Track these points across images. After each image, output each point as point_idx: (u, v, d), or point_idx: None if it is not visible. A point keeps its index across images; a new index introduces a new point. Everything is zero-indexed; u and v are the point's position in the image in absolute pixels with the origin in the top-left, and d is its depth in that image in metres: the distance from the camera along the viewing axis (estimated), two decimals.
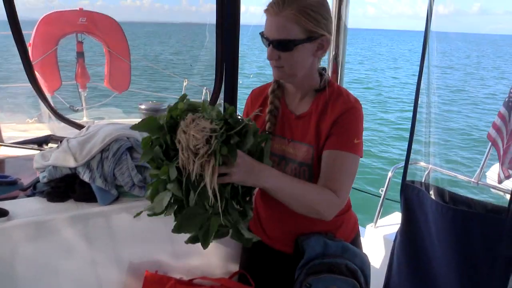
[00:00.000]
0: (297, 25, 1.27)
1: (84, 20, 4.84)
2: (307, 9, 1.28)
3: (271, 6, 1.29)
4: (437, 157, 2.48)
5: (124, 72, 5.18)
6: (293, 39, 1.29)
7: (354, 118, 1.37)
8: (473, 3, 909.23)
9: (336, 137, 1.36)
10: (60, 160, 1.60)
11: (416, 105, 2.16)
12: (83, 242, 1.53)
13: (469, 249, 1.87)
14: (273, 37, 1.30)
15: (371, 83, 24.23)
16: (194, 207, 1.12)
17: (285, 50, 1.31)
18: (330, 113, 1.38)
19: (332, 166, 1.36)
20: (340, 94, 1.43)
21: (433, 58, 2.11)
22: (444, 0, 21.61)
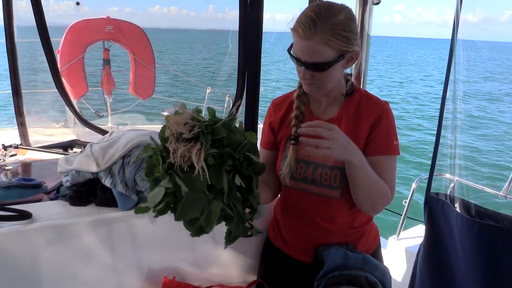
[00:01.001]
0: (330, 48, 1.27)
1: (111, 28, 4.94)
2: (339, 30, 1.27)
3: (303, 29, 1.26)
4: (463, 169, 2.42)
5: (148, 79, 5.26)
6: (327, 62, 1.29)
7: (389, 121, 1.41)
8: (504, 11, 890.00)
9: (379, 142, 1.40)
10: (83, 165, 1.63)
11: (442, 115, 2.12)
12: (103, 246, 1.54)
13: (495, 265, 1.82)
14: (305, 60, 1.29)
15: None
16: (193, 193, 1.10)
17: (319, 71, 1.31)
18: (365, 117, 1.41)
19: (382, 168, 1.39)
20: (370, 97, 1.46)
21: (460, 66, 2.08)
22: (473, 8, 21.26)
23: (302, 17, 1.28)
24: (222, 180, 1.09)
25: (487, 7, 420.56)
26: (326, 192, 1.43)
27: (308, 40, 1.25)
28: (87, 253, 1.52)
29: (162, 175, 1.14)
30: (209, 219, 1.12)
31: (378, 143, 1.40)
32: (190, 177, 1.08)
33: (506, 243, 1.77)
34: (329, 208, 1.47)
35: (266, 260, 1.71)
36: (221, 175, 1.09)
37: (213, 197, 1.11)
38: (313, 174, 1.44)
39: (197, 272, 1.73)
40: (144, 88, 5.29)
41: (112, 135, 1.79)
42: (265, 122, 1.61)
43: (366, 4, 2.01)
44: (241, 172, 1.14)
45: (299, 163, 1.46)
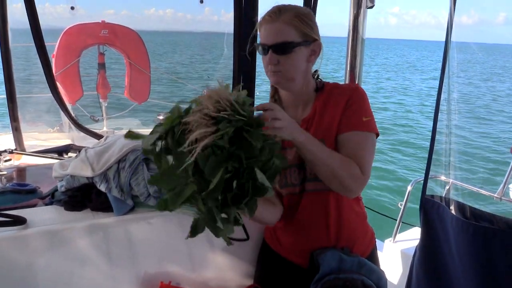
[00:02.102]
0: (294, 29, 1.36)
1: (106, 32, 4.94)
2: (302, 16, 1.38)
3: (268, 16, 1.38)
4: (458, 171, 2.43)
5: (144, 83, 5.26)
6: (291, 41, 1.36)
7: (358, 98, 1.43)
8: (498, 13, 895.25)
9: (346, 119, 1.41)
10: (78, 170, 1.62)
11: (437, 117, 2.13)
12: (98, 251, 1.54)
13: (491, 266, 1.82)
14: (272, 42, 1.37)
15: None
16: (177, 167, 1.04)
17: (284, 53, 1.37)
18: (336, 103, 1.44)
19: (349, 146, 1.39)
20: (340, 86, 1.51)
21: (454, 68, 2.09)
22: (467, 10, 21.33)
23: (268, 11, 1.40)
24: (215, 174, 1.01)
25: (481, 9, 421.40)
26: (316, 186, 1.45)
27: (273, 22, 1.36)
28: (82, 258, 1.52)
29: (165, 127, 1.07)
30: (176, 197, 1.08)
31: (347, 121, 1.41)
32: (183, 153, 1.02)
33: (501, 245, 1.78)
34: (321, 203, 1.49)
35: (263, 263, 1.71)
36: (217, 170, 1.01)
37: (193, 181, 1.05)
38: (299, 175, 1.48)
39: (194, 276, 1.72)
40: (140, 92, 5.29)
41: (107, 139, 1.78)
42: None
43: (360, 8, 2.02)
44: (241, 182, 1.05)
45: (292, 168, 1.49)
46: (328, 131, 1.43)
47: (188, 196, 1.07)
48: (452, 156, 2.28)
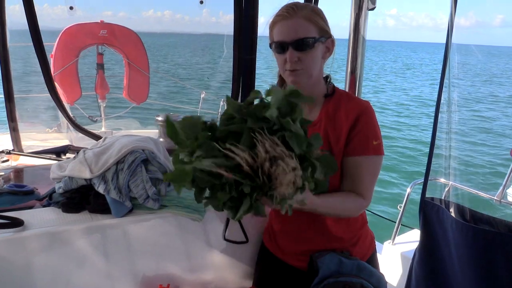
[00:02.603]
0: (313, 24, 1.35)
1: (105, 32, 4.92)
2: (317, 11, 1.38)
3: (285, 12, 1.35)
4: (457, 173, 2.42)
5: (142, 83, 5.24)
6: (312, 37, 1.35)
7: (370, 120, 1.40)
8: (496, 15, 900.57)
9: (357, 143, 1.39)
10: (76, 171, 1.61)
11: (437, 119, 2.12)
12: (96, 253, 1.52)
13: (490, 269, 1.81)
14: (292, 39, 1.34)
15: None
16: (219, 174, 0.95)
17: (305, 49, 1.35)
18: (345, 117, 1.41)
19: (357, 171, 1.40)
20: (350, 97, 1.48)
21: (454, 70, 2.08)
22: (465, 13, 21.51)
23: (280, 10, 1.37)
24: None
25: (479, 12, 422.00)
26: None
27: (292, 18, 1.34)
28: (80, 260, 1.51)
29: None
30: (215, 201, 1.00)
31: (357, 143, 1.39)
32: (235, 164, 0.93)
33: (501, 248, 1.77)
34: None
35: (262, 266, 1.70)
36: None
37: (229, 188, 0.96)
38: None
39: (192, 279, 1.71)
40: (138, 92, 5.27)
41: (106, 140, 1.77)
42: None
43: (361, 10, 2.01)
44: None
45: None
46: (335, 143, 1.41)
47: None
48: (452, 159, 2.28)
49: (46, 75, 2.52)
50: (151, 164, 1.63)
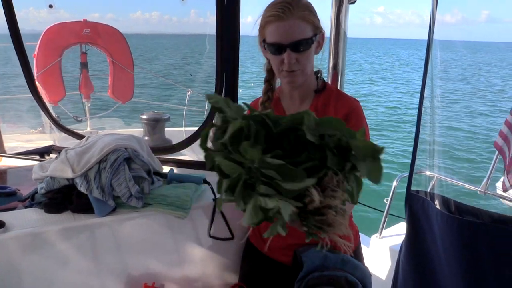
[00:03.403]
0: (308, 23, 1.33)
1: (88, 31, 4.86)
2: (310, 7, 1.35)
3: (281, 12, 1.31)
4: (442, 166, 2.44)
5: (127, 82, 5.19)
6: (309, 37, 1.34)
7: (359, 118, 1.43)
8: (481, 11, 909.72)
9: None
10: (58, 171, 1.59)
11: (420, 113, 2.14)
12: (79, 253, 1.51)
13: (476, 260, 1.83)
14: (290, 41, 1.32)
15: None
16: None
17: (303, 50, 1.34)
18: (334, 114, 1.42)
19: None
20: (340, 94, 1.49)
21: (437, 66, 2.09)
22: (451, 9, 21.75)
23: (272, 7, 1.33)
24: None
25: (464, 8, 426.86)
26: None
27: (288, 19, 1.30)
28: (63, 261, 1.49)
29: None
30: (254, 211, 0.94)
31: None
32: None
33: (486, 238, 1.79)
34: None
35: (247, 262, 1.70)
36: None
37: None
38: None
39: (178, 276, 1.70)
40: (123, 91, 5.23)
41: (88, 140, 1.75)
42: None
43: (342, 4, 2.01)
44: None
45: None
46: None
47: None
48: (436, 151, 2.29)
49: (27, 75, 2.48)
50: (134, 162, 1.62)
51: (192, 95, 5.07)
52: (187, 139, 2.26)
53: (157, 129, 2.98)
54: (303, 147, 0.90)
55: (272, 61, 1.41)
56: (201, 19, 1.97)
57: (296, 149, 0.91)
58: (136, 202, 1.57)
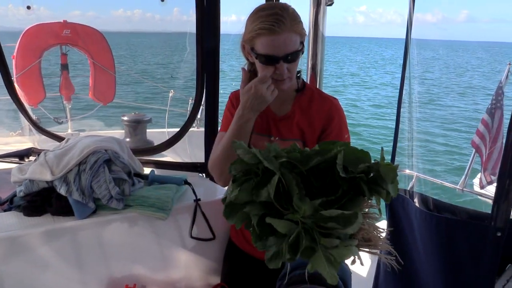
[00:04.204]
0: (298, 34, 1.37)
1: (68, 32, 4.79)
2: (298, 17, 1.38)
3: (275, 26, 1.32)
4: (421, 165, 2.48)
5: (108, 83, 5.13)
6: (300, 48, 1.39)
7: (340, 117, 1.50)
8: (460, 11, 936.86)
9: (331, 137, 1.47)
10: (37, 174, 1.58)
11: (399, 112, 2.17)
12: (60, 257, 1.50)
13: (454, 256, 1.86)
14: (283, 53, 1.35)
15: None
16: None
17: (295, 61, 1.39)
18: (317, 112, 1.49)
19: None
20: (321, 94, 1.55)
21: (414, 65, 2.13)
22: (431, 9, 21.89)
23: (264, 19, 1.33)
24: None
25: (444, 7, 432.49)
26: None
27: (282, 33, 1.32)
28: (43, 264, 1.48)
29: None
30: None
31: (331, 138, 1.47)
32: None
33: (463, 234, 1.82)
34: None
35: (229, 262, 1.71)
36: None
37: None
38: None
39: (160, 278, 1.70)
40: (104, 93, 5.16)
41: (68, 142, 1.74)
42: (226, 115, 1.62)
43: (319, 5, 2.03)
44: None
45: None
46: (309, 134, 1.49)
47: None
48: (415, 150, 2.33)
49: (5, 77, 2.45)
50: (114, 164, 1.62)
51: (175, 96, 5.05)
52: (169, 140, 2.26)
53: (138, 130, 2.97)
54: (331, 178, 0.93)
55: (261, 70, 1.42)
56: (184, 17, 1.97)
57: (325, 183, 0.94)
58: (116, 204, 1.56)
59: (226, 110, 1.62)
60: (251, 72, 1.52)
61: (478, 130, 3.01)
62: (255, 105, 1.38)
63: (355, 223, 0.88)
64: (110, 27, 50.22)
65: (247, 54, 1.46)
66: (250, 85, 1.37)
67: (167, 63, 24.13)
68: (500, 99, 3.12)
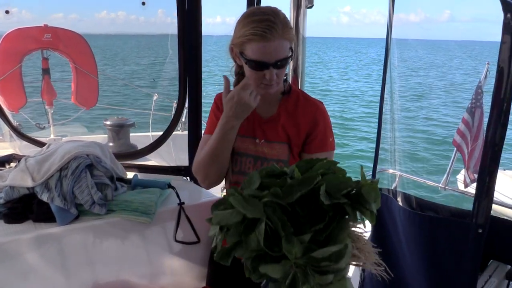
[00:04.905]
0: (288, 41, 1.38)
1: (49, 37, 4.72)
2: (289, 24, 1.40)
3: (267, 33, 1.32)
4: (403, 164, 2.51)
5: (91, 88, 5.06)
6: (290, 55, 1.40)
7: (325, 120, 1.51)
8: (443, 11, 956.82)
9: (319, 142, 1.50)
10: (17, 180, 1.56)
11: (381, 111, 2.19)
12: (42, 264, 1.48)
13: (437, 254, 1.89)
14: (274, 60, 1.35)
15: None
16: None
17: (284, 67, 1.40)
18: (303, 115, 1.50)
19: None
20: (307, 97, 1.55)
21: (395, 64, 2.16)
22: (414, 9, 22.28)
23: (255, 24, 1.33)
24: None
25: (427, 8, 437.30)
26: None
27: (274, 40, 1.33)
28: (26, 273, 1.46)
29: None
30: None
31: (316, 142, 1.50)
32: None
33: (446, 232, 1.85)
34: None
35: (214, 264, 1.70)
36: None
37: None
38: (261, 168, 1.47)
39: (144, 283, 1.69)
40: (87, 97, 5.10)
41: (50, 147, 1.73)
42: (211, 118, 1.62)
43: (300, 8, 2.05)
44: None
45: (248, 158, 1.53)
46: (295, 136, 1.49)
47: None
48: (397, 150, 2.36)
49: None
50: (96, 169, 1.60)
51: (159, 99, 5.02)
52: (152, 144, 2.25)
53: (121, 134, 2.94)
54: (315, 205, 0.95)
55: (249, 74, 1.42)
56: (168, 19, 1.96)
57: (311, 210, 0.95)
58: (99, 209, 1.55)
59: (211, 113, 1.63)
60: (239, 74, 1.53)
61: (459, 129, 3.06)
62: (239, 113, 1.39)
63: (346, 255, 0.90)
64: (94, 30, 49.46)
65: (235, 57, 1.46)
66: (233, 93, 1.37)
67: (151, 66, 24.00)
68: (480, 98, 3.18)
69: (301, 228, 0.92)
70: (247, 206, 0.92)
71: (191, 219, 1.73)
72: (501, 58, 1.49)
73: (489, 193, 1.65)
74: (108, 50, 38.60)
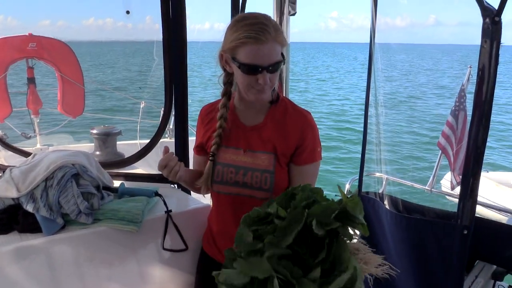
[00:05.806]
0: (281, 45, 1.38)
1: (34, 46, 4.69)
2: (280, 28, 1.41)
3: (260, 35, 1.32)
4: (389, 168, 2.53)
5: (77, 96, 5.03)
6: (283, 58, 1.40)
7: (313, 131, 1.51)
8: (429, 15, 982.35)
9: (308, 154, 1.49)
10: (2, 191, 1.55)
11: (366, 117, 2.21)
12: (29, 275, 1.47)
13: (424, 255, 1.91)
14: (268, 63, 1.35)
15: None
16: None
17: (277, 71, 1.40)
18: (292, 126, 1.49)
19: (305, 176, 1.50)
20: (295, 107, 1.54)
21: (379, 68, 2.18)
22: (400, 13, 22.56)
23: (248, 27, 1.33)
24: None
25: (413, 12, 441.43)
26: (257, 194, 1.47)
27: (267, 43, 1.33)
28: (12, 283, 1.45)
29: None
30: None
31: (306, 154, 1.50)
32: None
33: (431, 234, 1.87)
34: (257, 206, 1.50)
35: (202, 272, 1.70)
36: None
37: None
38: (244, 177, 1.48)
39: None
40: (73, 106, 5.06)
41: (35, 157, 1.72)
42: (197, 127, 1.64)
43: (283, 15, 2.07)
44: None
45: (229, 168, 1.50)
46: (281, 145, 1.48)
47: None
48: (383, 153, 2.38)
49: None
50: (82, 178, 1.60)
51: (147, 107, 5.01)
52: (139, 152, 2.24)
53: (108, 143, 2.93)
54: (311, 237, 1.00)
55: (241, 79, 1.41)
56: (156, 25, 1.96)
57: (308, 244, 1.01)
58: (85, 219, 1.54)
59: (197, 126, 1.65)
60: (227, 83, 1.52)
61: (443, 132, 3.10)
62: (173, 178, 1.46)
63: (359, 276, 0.97)
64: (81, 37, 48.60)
65: (224, 64, 1.46)
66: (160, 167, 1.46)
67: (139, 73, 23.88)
68: (463, 101, 3.22)
69: (307, 265, 0.98)
70: (253, 268, 0.96)
71: (178, 226, 1.72)
72: (481, 62, 1.52)
73: (473, 195, 1.68)
74: (96, 57, 38.36)
